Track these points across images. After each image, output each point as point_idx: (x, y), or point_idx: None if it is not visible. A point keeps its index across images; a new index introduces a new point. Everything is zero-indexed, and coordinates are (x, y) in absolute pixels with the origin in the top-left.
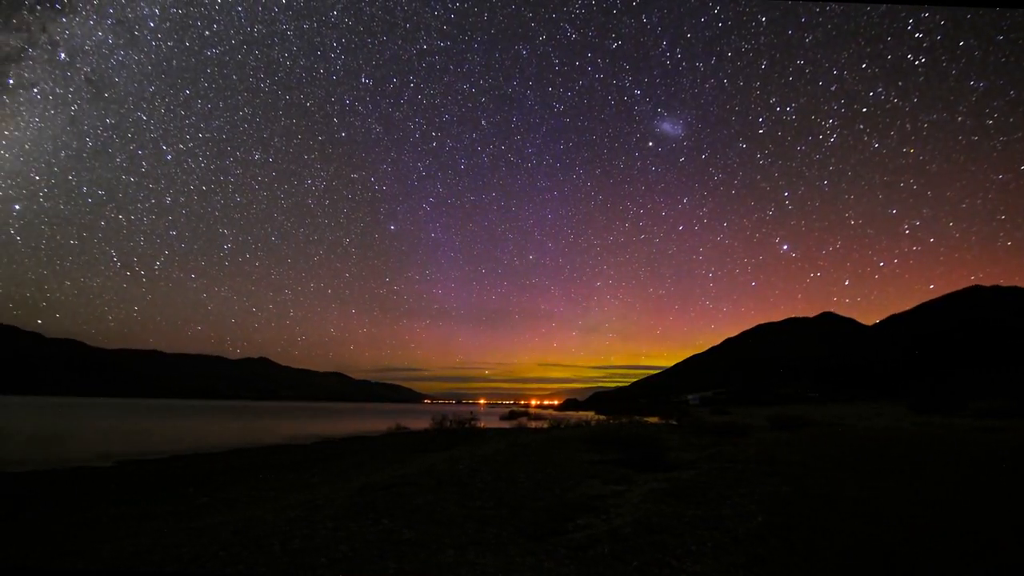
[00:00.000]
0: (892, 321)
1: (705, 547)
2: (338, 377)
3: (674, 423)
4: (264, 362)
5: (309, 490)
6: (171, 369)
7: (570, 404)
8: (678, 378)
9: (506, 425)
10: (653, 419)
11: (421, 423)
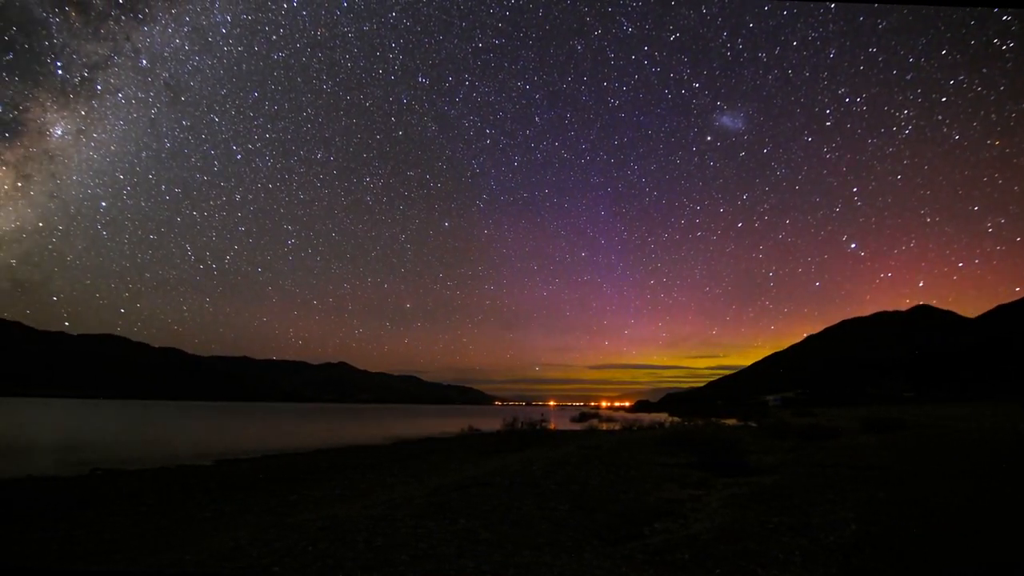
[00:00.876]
0: (995, 314)
1: (792, 556)
2: (412, 380)
3: (753, 425)
4: (343, 367)
5: (388, 489)
6: (260, 374)
7: (642, 406)
8: (756, 378)
9: (577, 427)
10: (731, 421)
11: (492, 425)
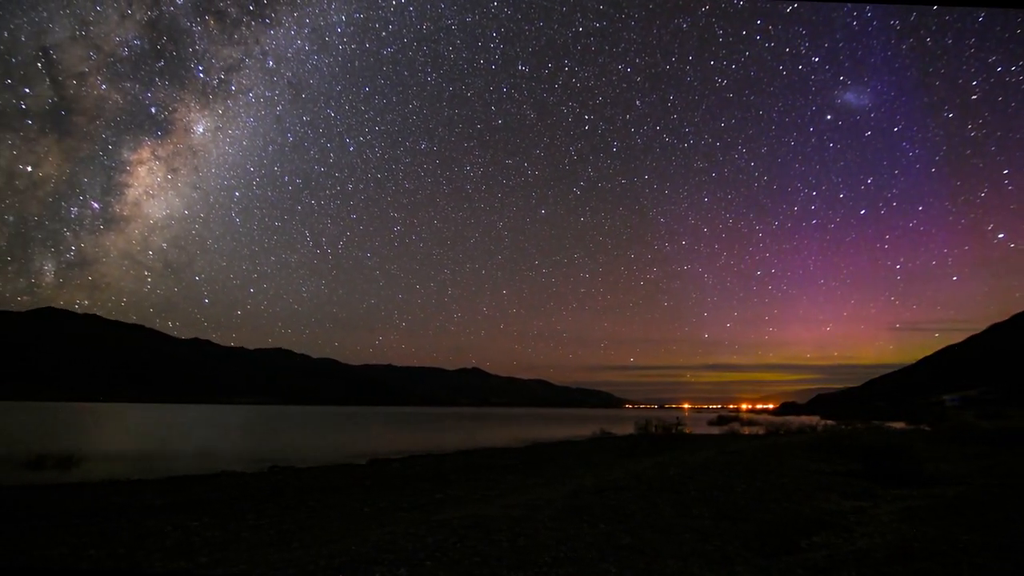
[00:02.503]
0: None
1: None
2: (541, 384)
3: (927, 429)
4: (476, 372)
5: (526, 491)
6: (400, 379)
7: (788, 408)
8: (922, 376)
9: (715, 431)
10: (898, 424)
11: (625, 428)
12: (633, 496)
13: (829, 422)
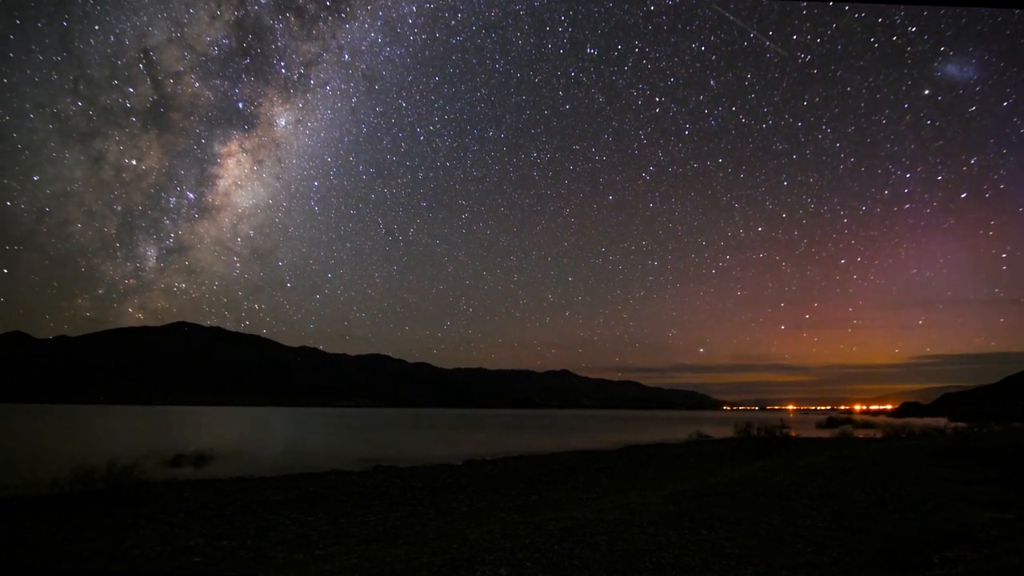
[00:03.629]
0: None
1: None
2: (632, 385)
3: None
4: (565, 373)
5: (622, 494)
6: (492, 383)
7: (910, 409)
8: None
9: (825, 434)
10: None
11: (722, 431)
12: (736, 502)
13: (959, 424)
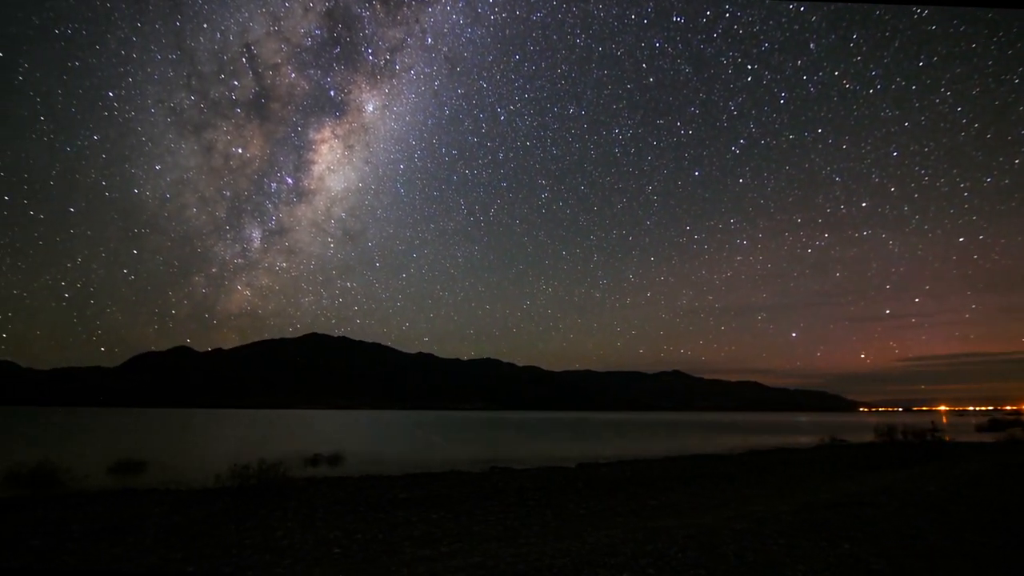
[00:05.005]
0: None
1: None
2: (751, 386)
3: None
4: (678, 375)
5: (747, 502)
6: (600, 385)
7: None
8: None
9: (987, 438)
10: None
11: (860, 435)
12: (881, 514)
13: None
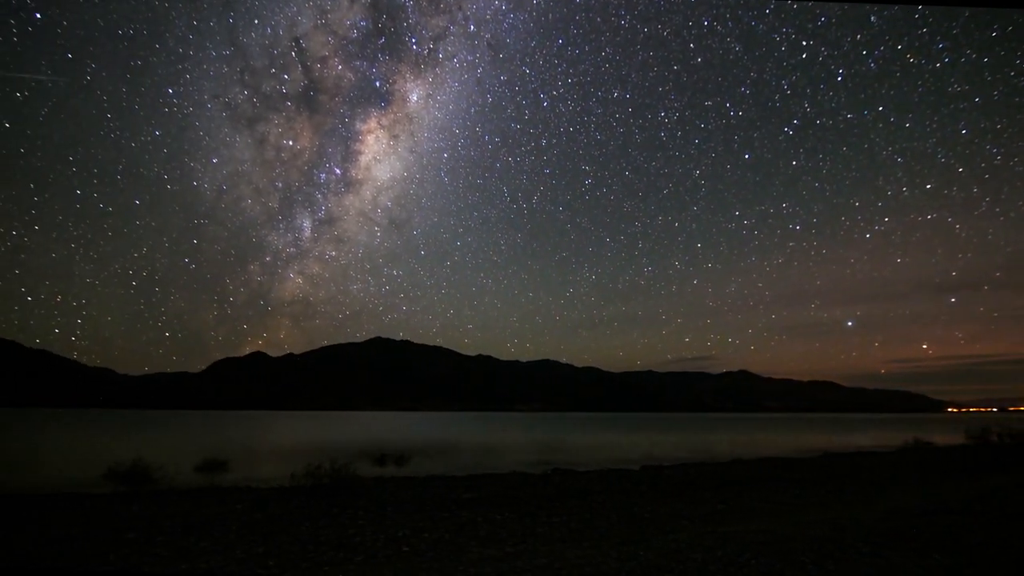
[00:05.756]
0: None
1: None
2: (826, 386)
3: None
4: (744, 375)
5: (823, 507)
6: (662, 384)
7: None
8: None
9: None
10: None
11: (949, 437)
12: (976, 524)
13: None
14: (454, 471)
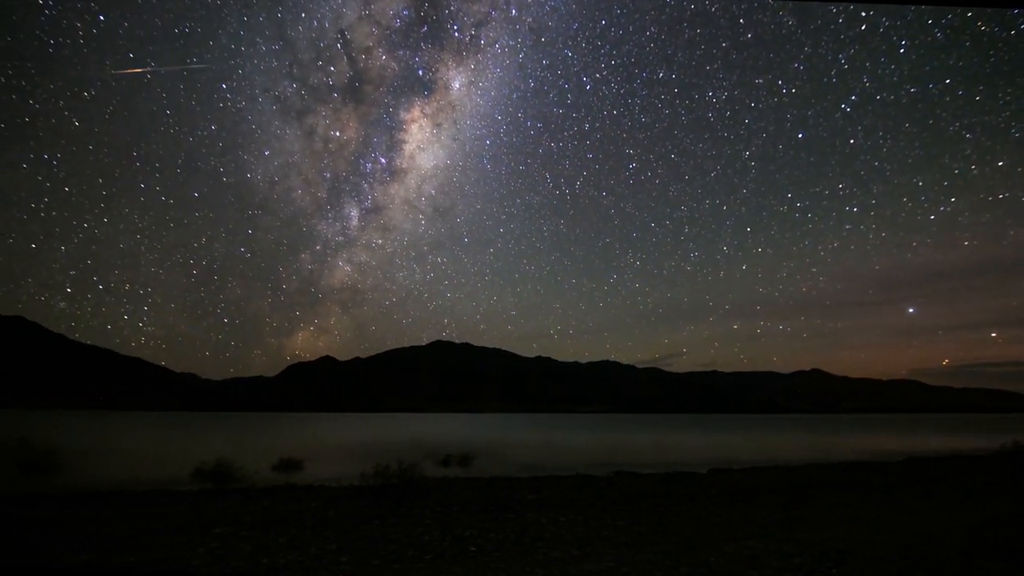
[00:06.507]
0: None
1: None
2: (911, 385)
3: None
4: (817, 374)
5: (911, 515)
6: (729, 384)
7: None
8: None
9: None
10: None
11: None
12: None
13: None
14: (517, 472)
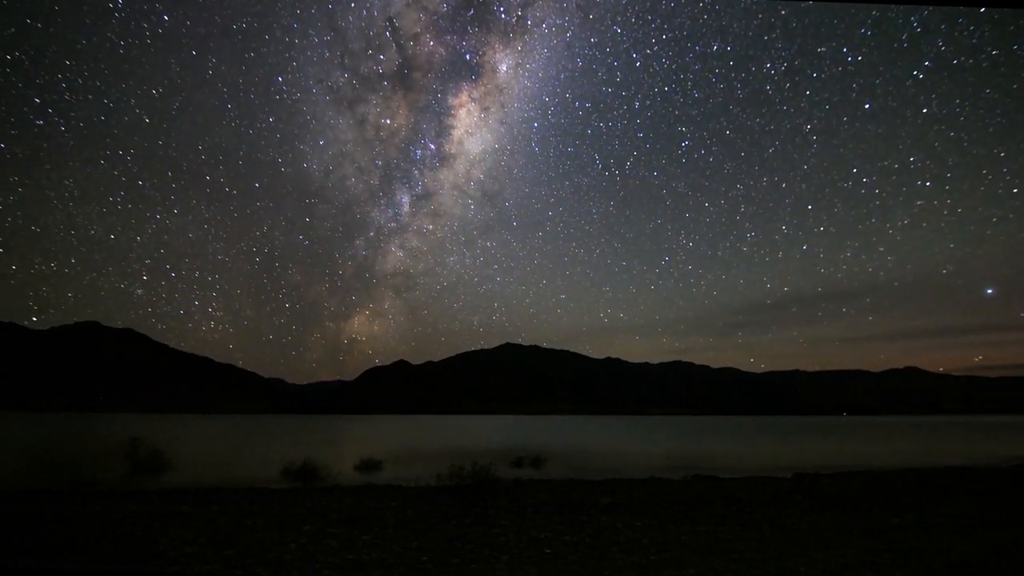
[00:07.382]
0: None
1: None
2: (1019, 382)
3: None
4: (912, 372)
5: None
6: (814, 385)
7: None
8: None
9: None
10: None
11: None
12: None
13: None
14: (590, 475)
